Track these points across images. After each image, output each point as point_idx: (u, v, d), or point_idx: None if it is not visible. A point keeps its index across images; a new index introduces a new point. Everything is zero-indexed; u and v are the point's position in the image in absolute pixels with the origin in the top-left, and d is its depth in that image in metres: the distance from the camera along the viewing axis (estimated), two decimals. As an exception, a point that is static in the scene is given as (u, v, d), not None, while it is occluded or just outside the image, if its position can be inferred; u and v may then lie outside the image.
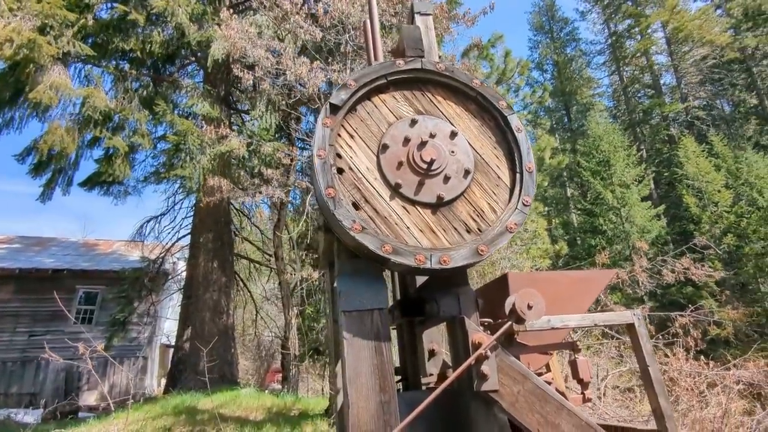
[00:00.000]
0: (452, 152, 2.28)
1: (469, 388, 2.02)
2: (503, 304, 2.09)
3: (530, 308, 2.00)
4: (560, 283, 2.76)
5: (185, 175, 10.26)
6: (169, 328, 21.83)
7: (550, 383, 2.33)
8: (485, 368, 1.97)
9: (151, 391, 18.38)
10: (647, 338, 2.45)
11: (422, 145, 2.24)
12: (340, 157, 2.21)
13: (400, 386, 2.93)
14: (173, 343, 18.53)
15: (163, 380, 19.77)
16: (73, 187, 13.85)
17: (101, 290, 18.18)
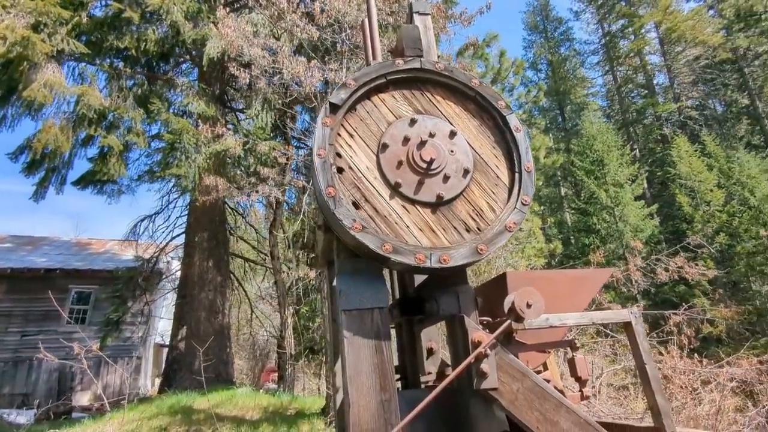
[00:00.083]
0: (451, 152, 2.29)
1: (468, 386, 2.03)
2: (502, 302, 2.10)
3: (529, 307, 2.01)
4: (558, 281, 2.78)
5: (181, 174, 10.21)
6: (163, 327, 21.71)
7: (548, 381, 2.35)
8: (485, 366, 1.98)
9: (145, 391, 18.29)
10: (644, 336, 2.47)
11: (422, 144, 2.25)
12: (340, 156, 2.21)
13: (399, 385, 2.94)
14: (167, 342, 18.44)
15: (157, 380, 19.68)
16: (66, 185, 13.74)
17: (94, 290, 18.07)
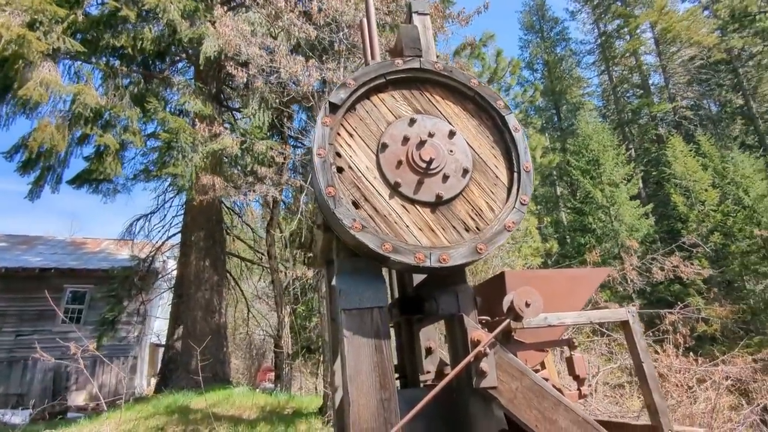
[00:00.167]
0: (451, 151, 2.29)
1: (467, 385, 2.04)
2: (500, 301, 2.11)
3: (528, 306, 2.02)
4: (556, 281, 2.80)
5: (177, 173, 10.18)
6: (158, 327, 21.64)
7: (547, 380, 2.36)
8: (484, 365, 1.99)
9: (140, 390, 18.22)
10: (641, 335, 2.49)
11: (421, 144, 2.25)
12: (339, 155, 2.21)
13: (398, 384, 2.94)
14: (163, 342, 18.39)
15: (152, 379, 19.62)
16: (61, 184, 13.68)
17: (89, 289, 17.98)
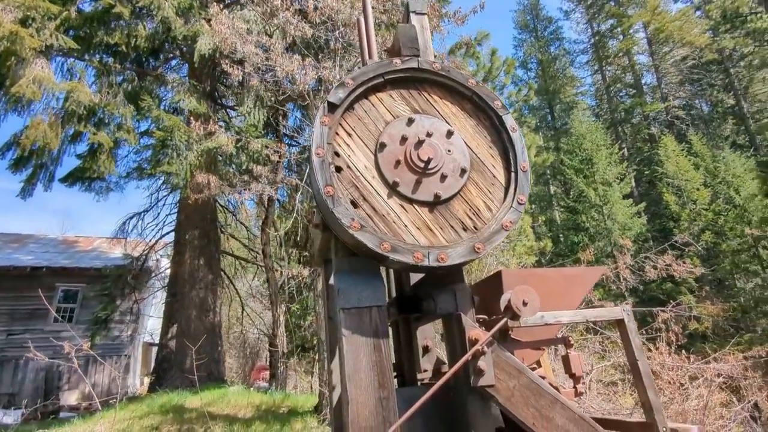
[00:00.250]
0: (449, 151, 2.30)
1: (465, 383, 2.05)
2: (497, 300, 2.13)
3: (525, 305, 2.03)
4: (552, 279, 2.82)
5: (172, 171, 10.11)
6: (152, 326, 21.52)
7: (543, 378, 2.38)
8: (482, 364, 2.00)
9: (134, 390, 18.13)
10: (636, 333, 2.51)
11: (419, 144, 2.26)
12: (338, 155, 2.21)
13: (395, 382, 2.95)
14: (156, 341, 18.29)
15: (146, 379, 19.51)
16: (54, 182, 13.54)
17: (82, 288, 17.84)
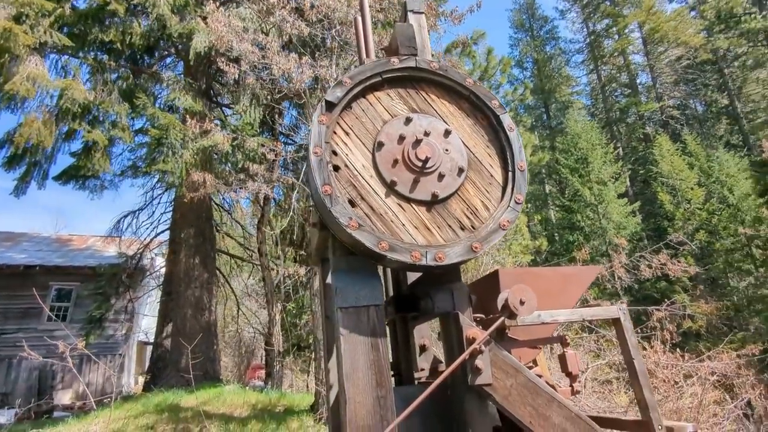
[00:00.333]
0: (446, 150, 2.30)
1: (462, 382, 2.06)
2: (494, 299, 2.14)
3: (522, 304, 2.04)
4: (549, 278, 2.83)
5: (167, 169, 10.06)
6: (146, 325, 21.44)
7: (540, 376, 2.39)
8: (479, 362, 2.01)
9: (128, 389, 18.05)
10: (632, 332, 2.53)
11: (417, 143, 2.26)
12: (335, 154, 2.21)
13: (393, 381, 2.96)
14: (151, 340, 18.23)
15: (140, 378, 19.44)
16: (48, 180, 13.45)
17: (76, 287, 17.71)
